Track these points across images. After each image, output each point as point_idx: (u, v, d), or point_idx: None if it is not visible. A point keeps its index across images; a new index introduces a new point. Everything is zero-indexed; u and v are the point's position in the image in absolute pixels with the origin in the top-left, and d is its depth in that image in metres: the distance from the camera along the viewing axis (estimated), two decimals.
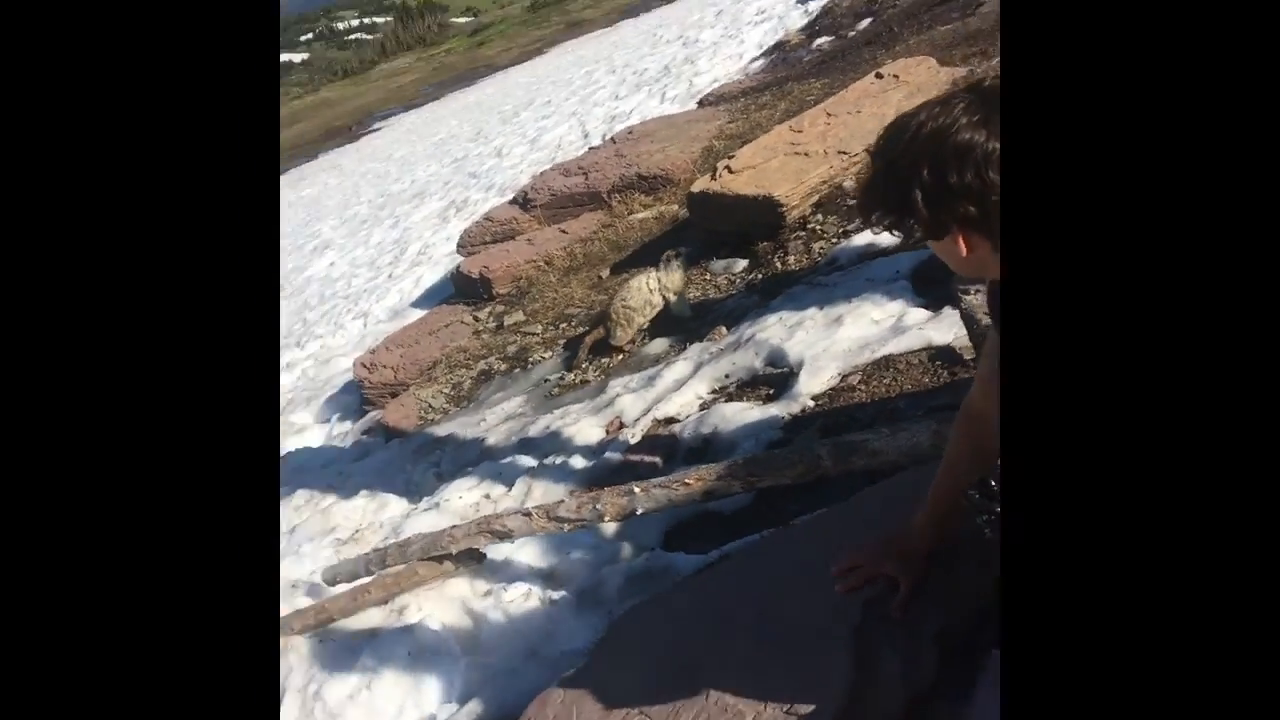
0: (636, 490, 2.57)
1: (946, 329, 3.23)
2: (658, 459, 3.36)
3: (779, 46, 10.05)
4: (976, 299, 2.18)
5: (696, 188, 4.96)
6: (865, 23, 8.73)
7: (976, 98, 1.21)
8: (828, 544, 1.96)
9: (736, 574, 2.11)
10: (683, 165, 6.31)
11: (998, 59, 5.11)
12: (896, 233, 1.31)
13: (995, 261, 1.26)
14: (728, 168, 4.86)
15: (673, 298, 4.38)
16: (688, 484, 2.48)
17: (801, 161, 4.70)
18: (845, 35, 8.81)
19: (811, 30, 9.83)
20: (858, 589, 1.81)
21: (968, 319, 2.14)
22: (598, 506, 2.63)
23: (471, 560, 3.07)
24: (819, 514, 2.14)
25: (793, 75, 8.00)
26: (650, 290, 4.37)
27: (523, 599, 2.93)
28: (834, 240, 4.37)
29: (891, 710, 1.67)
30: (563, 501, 2.74)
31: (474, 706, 2.56)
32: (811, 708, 1.69)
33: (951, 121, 1.20)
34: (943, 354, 3.16)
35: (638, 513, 2.58)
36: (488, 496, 3.69)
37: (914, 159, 1.22)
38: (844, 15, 9.47)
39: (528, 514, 2.80)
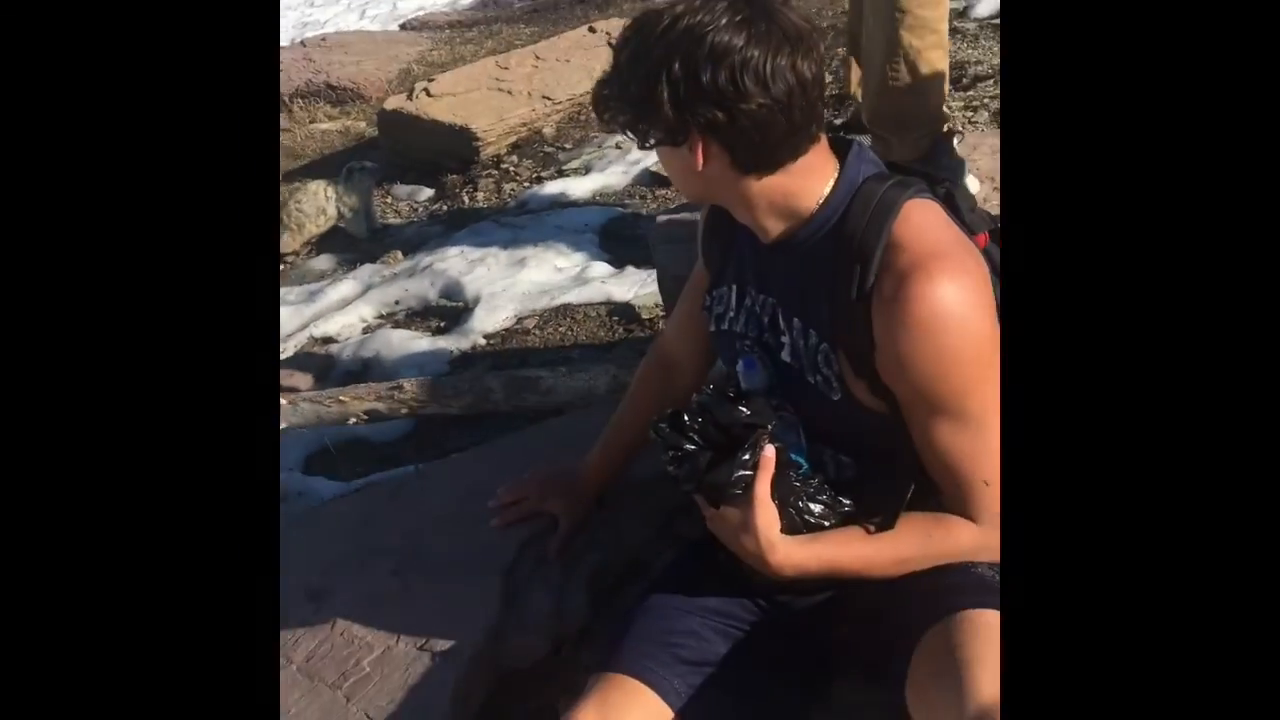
0: (282, 403, 2.34)
1: (628, 286, 3.21)
2: (310, 376, 3.11)
3: None
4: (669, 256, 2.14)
5: (390, 105, 4.68)
6: None
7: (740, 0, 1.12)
8: (490, 478, 1.84)
9: (386, 501, 1.95)
10: (377, 83, 5.94)
11: None
12: (630, 134, 1.20)
13: (728, 180, 1.18)
14: (426, 90, 4.61)
15: (349, 213, 4.08)
16: (342, 401, 2.28)
17: (504, 99, 4.54)
18: None
19: None
20: (513, 525, 1.71)
21: (661, 270, 2.09)
22: None
23: None
24: (481, 446, 2.02)
25: (502, 18, 7.78)
26: (326, 199, 4.05)
27: None
28: (526, 184, 4.25)
29: (535, 651, 1.58)
30: None
31: None
32: (448, 644, 1.58)
33: (711, 19, 1.10)
34: (621, 310, 3.13)
35: (281, 427, 2.34)
36: None
37: (666, 52, 1.12)
38: None
39: None
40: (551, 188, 4.09)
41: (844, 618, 1.32)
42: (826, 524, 1.25)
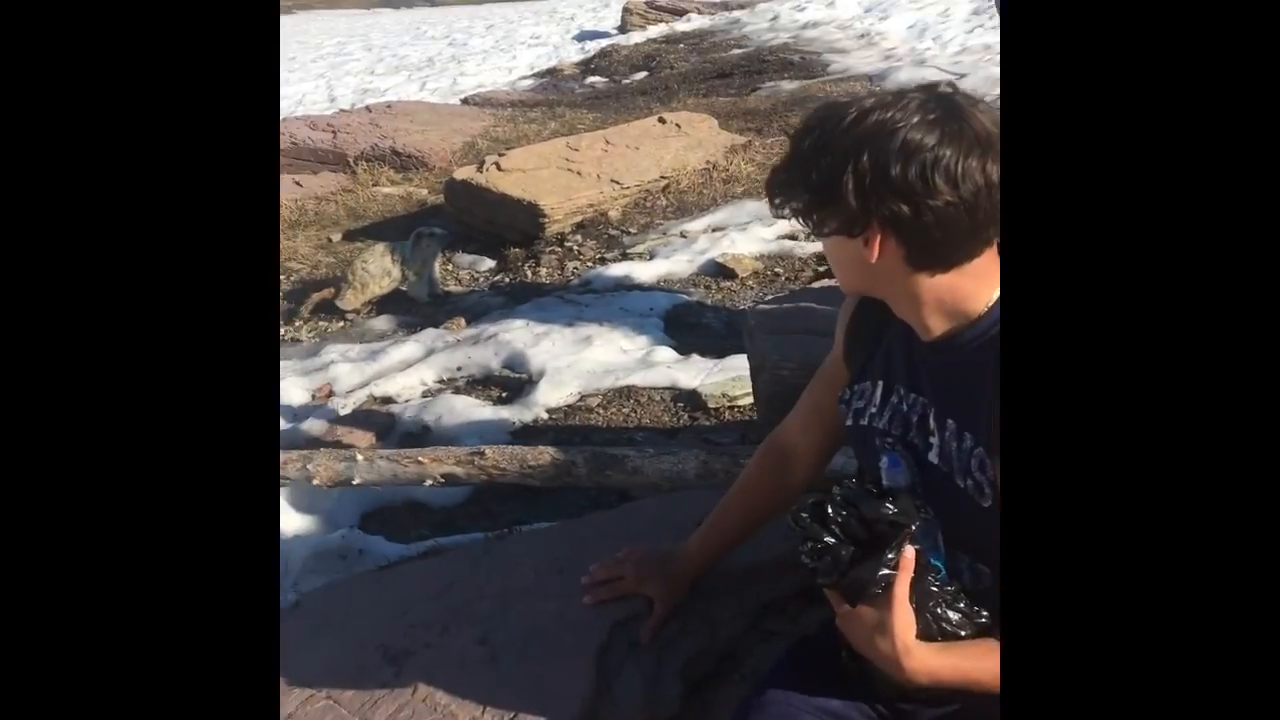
0: (359, 458, 2.32)
1: (694, 374, 3.21)
2: (371, 435, 3.10)
3: (551, 73, 10.03)
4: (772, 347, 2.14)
5: (460, 175, 4.76)
6: (641, 75, 8.86)
7: (932, 99, 1.13)
8: (574, 553, 1.82)
9: (467, 566, 1.92)
10: (441, 153, 6.07)
11: (777, 137, 5.29)
12: (800, 221, 1.20)
13: (899, 275, 1.18)
14: (497, 164, 4.69)
15: (413, 277, 4.12)
16: (421, 462, 2.26)
17: (573, 179, 4.61)
18: (619, 81, 8.90)
19: (586, 67, 9.88)
20: (605, 603, 1.68)
21: (759, 359, 2.09)
22: (309, 466, 2.35)
23: None
24: (564, 521, 1.99)
25: (564, 101, 7.97)
26: (393, 262, 4.09)
27: None
28: (589, 264, 4.30)
29: None
30: None
31: None
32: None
33: (904, 116, 1.11)
34: (686, 397, 3.13)
35: (354, 482, 2.33)
36: None
37: (855, 143, 1.12)
38: (621, 63, 9.58)
39: None
40: (616, 270, 4.14)
41: None
42: (962, 633, 1.22)
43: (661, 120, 5.21)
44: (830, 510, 1.21)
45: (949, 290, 1.19)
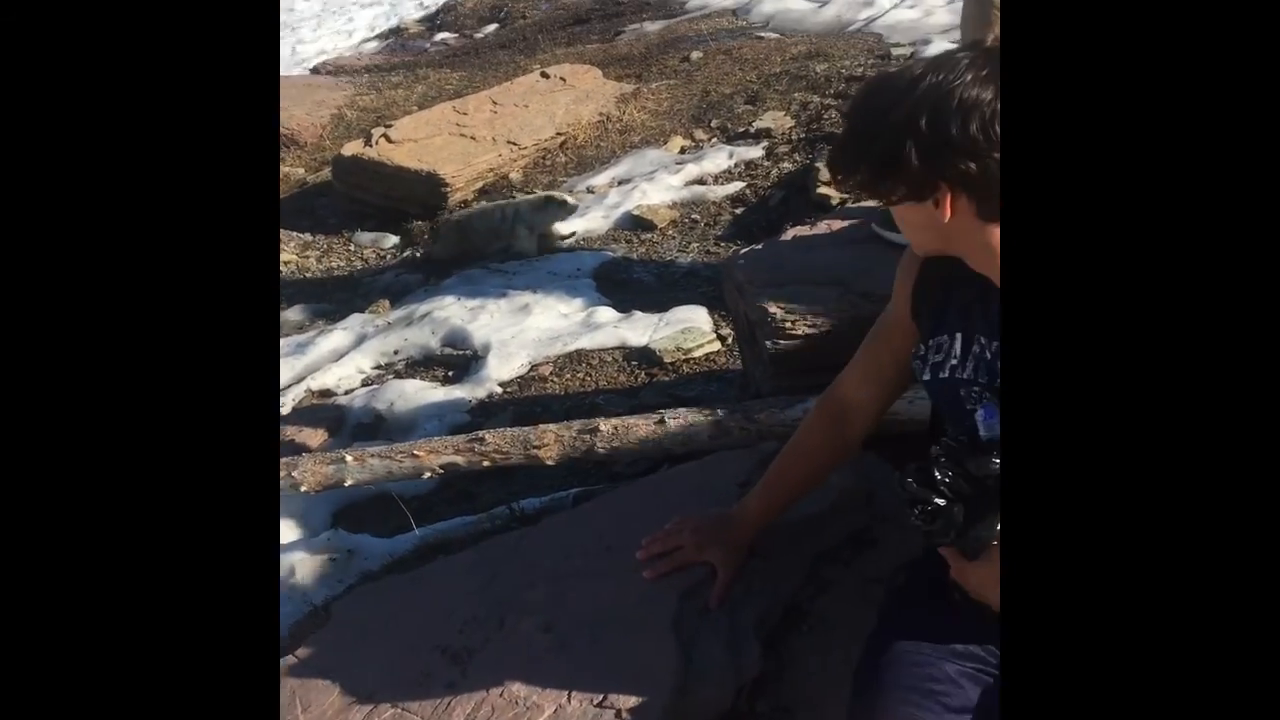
0: (348, 459, 2.26)
1: (640, 331, 3.22)
2: (322, 431, 3.01)
3: (396, 32, 9.68)
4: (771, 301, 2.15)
5: (348, 151, 4.60)
6: (492, 28, 8.66)
7: (980, 54, 1.16)
8: (622, 528, 1.82)
9: (503, 555, 1.90)
10: (310, 128, 5.83)
11: (661, 82, 5.27)
12: (866, 193, 1.23)
13: (973, 230, 1.20)
14: (386, 136, 4.55)
15: (525, 233, 3.94)
16: (416, 455, 2.22)
17: (468, 144, 4.52)
18: (471, 35, 8.68)
19: (432, 24, 9.58)
20: (667, 575, 1.69)
21: (754, 316, 2.11)
22: (294, 474, 2.27)
23: None
24: (607, 493, 1.99)
25: (421, 62, 7.73)
26: (500, 220, 3.94)
27: None
28: None
29: (721, 702, 1.56)
30: None
31: None
32: (633, 700, 1.55)
33: (955, 76, 1.13)
34: (639, 354, 3.14)
35: (345, 484, 2.27)
36: None
37: (912, 110, 1.14)
38: (467, 16, 9.31)
39: None
40: None
41: None
42: None
43: (545, 75, 5.13)
44: (936, 472, 1.22)
45: None
